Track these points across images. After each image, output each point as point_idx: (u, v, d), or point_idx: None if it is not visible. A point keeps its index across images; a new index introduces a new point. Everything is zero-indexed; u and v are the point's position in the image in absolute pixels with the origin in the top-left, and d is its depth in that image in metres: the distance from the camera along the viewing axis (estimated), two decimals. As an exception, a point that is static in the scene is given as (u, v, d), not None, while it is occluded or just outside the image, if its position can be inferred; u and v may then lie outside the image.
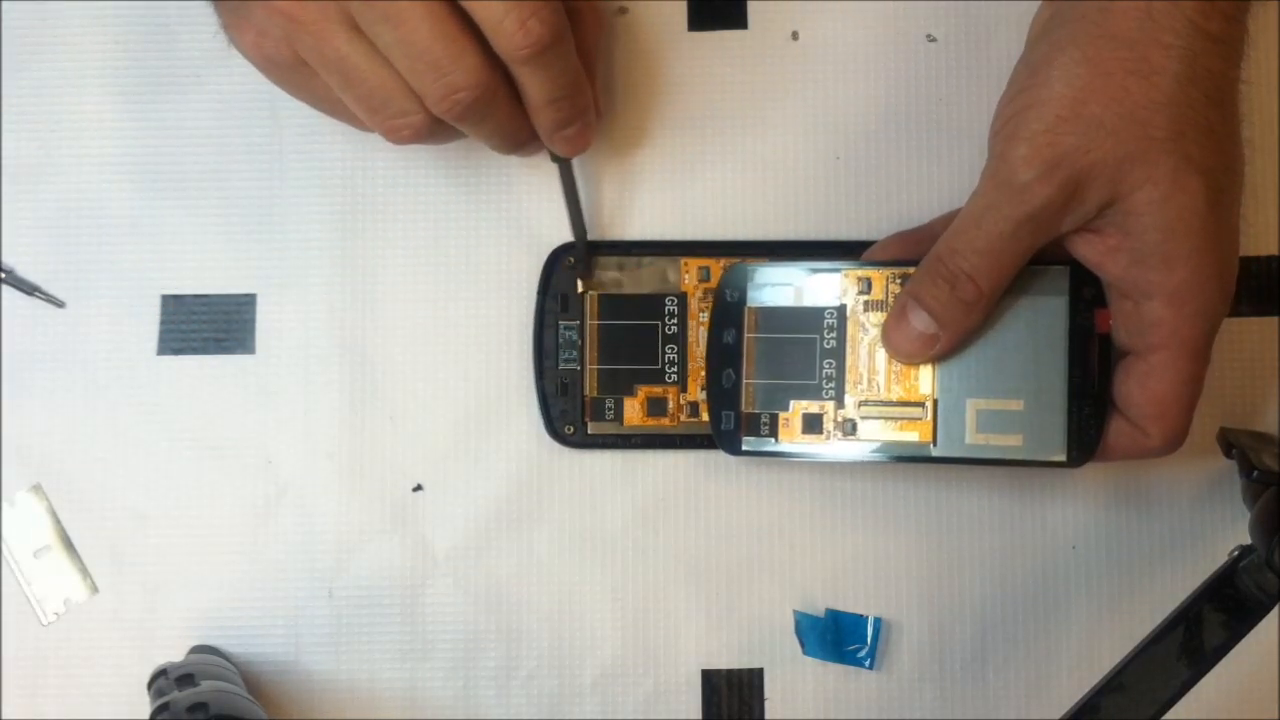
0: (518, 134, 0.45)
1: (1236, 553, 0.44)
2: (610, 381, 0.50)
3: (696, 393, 0.50)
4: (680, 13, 0.52)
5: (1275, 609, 0.43)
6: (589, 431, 0.50)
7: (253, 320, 0.51)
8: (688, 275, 0.50)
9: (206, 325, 0.51)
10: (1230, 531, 0.50)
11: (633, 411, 0.50)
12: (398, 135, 0.43)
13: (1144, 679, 0.43)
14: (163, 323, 0.51)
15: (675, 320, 0.50)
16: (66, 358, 0.51)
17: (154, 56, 0.52)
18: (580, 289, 0.50)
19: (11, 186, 0.51)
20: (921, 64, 0.52)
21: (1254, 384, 0.51)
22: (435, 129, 0.43)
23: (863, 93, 0.52)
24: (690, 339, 0.50)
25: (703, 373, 0.49)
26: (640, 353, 0.50)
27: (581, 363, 0.50)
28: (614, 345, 0.50)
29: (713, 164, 0.51)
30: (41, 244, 0.51)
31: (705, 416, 0.48)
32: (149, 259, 0.51)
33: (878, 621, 0.50)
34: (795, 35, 0.52)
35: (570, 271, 0.50)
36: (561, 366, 0.50)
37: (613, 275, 0.50)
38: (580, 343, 0.50)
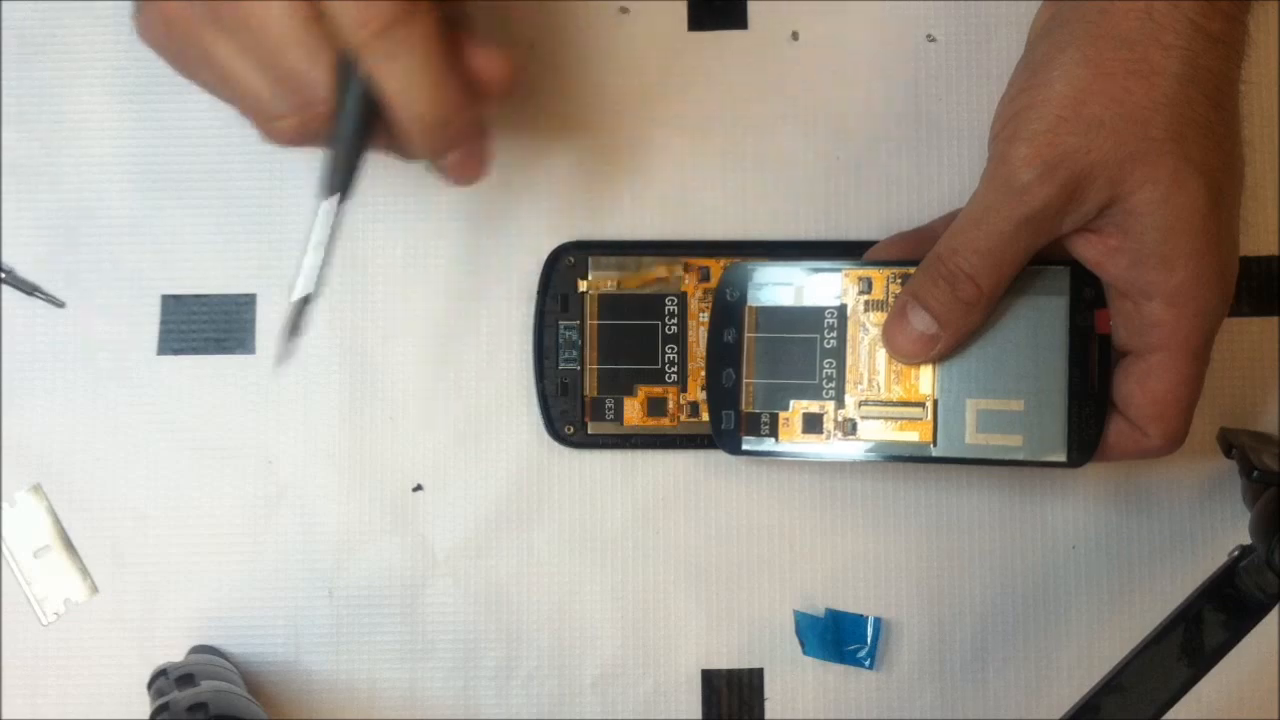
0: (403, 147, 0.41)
1: (1236, 553, 0.44)
2: (610, 381, 0.50)
3: (696, 393, 0.50)
4: (680, 13, 0.52)
5: (1275, 609, 0.43)
6: (589, 431, 0.50)
7: (253, 320, 0.51)
8: (687, 275, 0.50)
9: (206, 325, 0.51)
10: (1230, 531, 0.50)
11: (633, 411, 0.50)
12: (276, 139, 0.40)
13: (1144, 679, 0.43)
14: (163, 323, 0.51)
15: (675, 320, 0.50)
16: (66, 358, 0.51)
17: (154, 56, 0.52)
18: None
19: (11, 186, 0.51)
20: (921, 64, 0.52)
21: (1254, 384, 0.51)
22: (314, 134, 0.40)
23: (863, 93, 0.51)
24: (690, 339, 0.50)
25: (702, 373, 0.49)
26: (640, 353, 0.50)
27: (582, 363, 0.50)
28: (614, 345, 0.50)
29: (713, 164, 0.51)
30: (41, 244, 0.51)
31: (705, 416, 0.48)
32: (149, 259, 0.51)
33: (878, 621, 0.50)
34: (795, 35, 0.52)
35: (571, 271, 0.50)
36: (562, 366, 0.50)
37: (612, 275, 0.50)
38: (580, 343, 0.50)
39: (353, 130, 0.39)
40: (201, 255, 0.51)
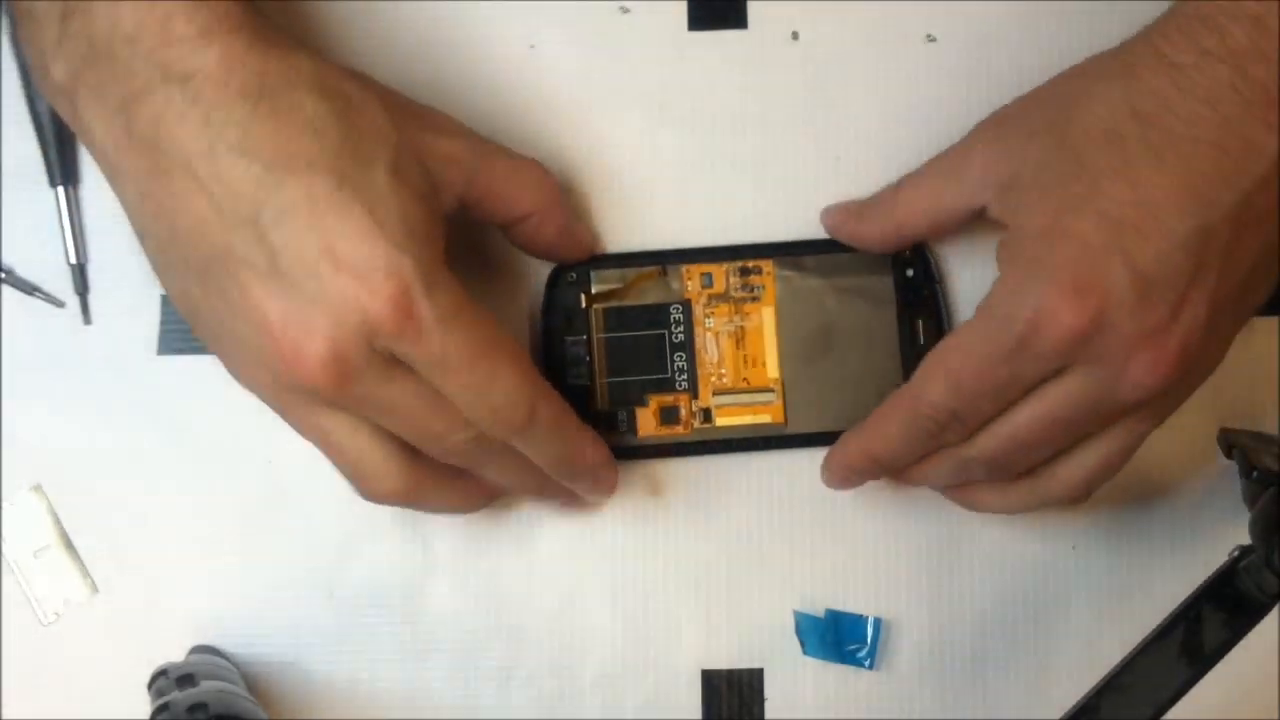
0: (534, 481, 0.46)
1: (1236, 553, 0.44)
2: (621, 393, 0.50)
3: (708, 398, 0.49)
4: (680, 13, 0.52)
5: (1275, 609, 0.43)
6: (603, 445, 0.50)
7: (253, 320, 0.51)
8: (690, 282, 0.50)
9: (206, 325, 0.51)
10: (1230, 531, 0.50)
11: (646, 421, 0.50)
12: (376, 500, 0.45)
13: (1144, 679, 0.43)
14: (163, 323, 0.51)
15: (681, 328, 0.50)
16: (66, 358, 0.51)
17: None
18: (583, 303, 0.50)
19: (11, 186, 0.51)
20: (921, 64, 0.52)
21: (1254, 384, 0.51)
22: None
23: (863, 93, 0.51)
24: (698, 344, 0.50)
25: (713, 379, 0.49)
26: (649, 363, 0.50)
27: (591, 377, 0.50)
28: (622, 357, 0.50)
29: (713, 165, 0.51)
30: (41, 244, 0.51)
31: (719, 421, 0.49)
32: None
33: (878, 621, 0.50)
34: (795, 35, 0.52)
35: (573, 287, 0.50)
36: (571, 383, 0.50)
37: (615, 288, 0.50)
38: (589, 358, 0.50)
39: None
40: (201, 255, 0.51)
